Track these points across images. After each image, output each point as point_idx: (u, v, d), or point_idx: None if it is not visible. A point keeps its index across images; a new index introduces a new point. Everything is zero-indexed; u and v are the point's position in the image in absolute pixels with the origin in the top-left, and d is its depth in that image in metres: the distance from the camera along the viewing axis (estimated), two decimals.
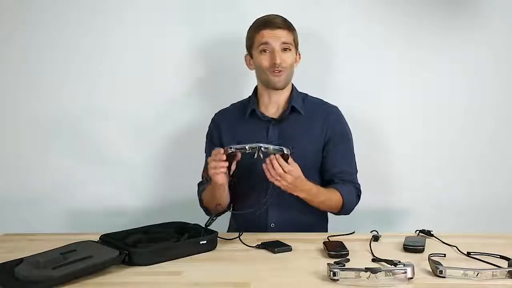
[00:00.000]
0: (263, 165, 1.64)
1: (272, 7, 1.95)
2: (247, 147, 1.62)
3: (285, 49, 1.83)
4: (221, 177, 1.67)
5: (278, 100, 1.91)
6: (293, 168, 1.64)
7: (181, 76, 2.27)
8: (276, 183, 1.65)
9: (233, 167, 1.69)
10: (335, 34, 2.22)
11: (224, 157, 1.64)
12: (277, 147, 1.63)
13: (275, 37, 1.82)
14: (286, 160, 1.63)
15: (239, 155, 1.66)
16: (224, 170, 1.66)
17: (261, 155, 1.61)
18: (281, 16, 1.87)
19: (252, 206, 1.79)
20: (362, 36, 2.21)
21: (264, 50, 1.83)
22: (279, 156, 1.62)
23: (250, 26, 1.89)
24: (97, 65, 2.26)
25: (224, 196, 1.78)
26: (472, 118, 2.25)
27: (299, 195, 1.73)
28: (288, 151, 1.63)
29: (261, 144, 1.61)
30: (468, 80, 2.23)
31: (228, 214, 1.88)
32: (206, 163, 1.94)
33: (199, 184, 1.96)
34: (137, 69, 2.25)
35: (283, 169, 1.62)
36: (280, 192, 1.70)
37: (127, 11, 2.24)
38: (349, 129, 1.95)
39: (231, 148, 1.63)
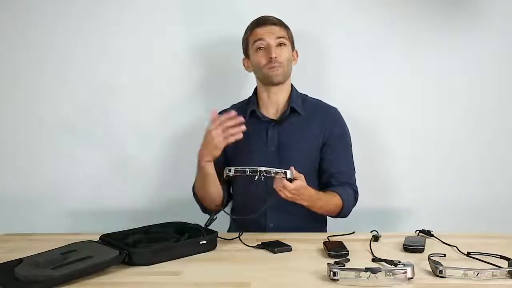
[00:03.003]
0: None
1: (271, 8, 1.95)
2: (247, 170, 1.59)
3: (280, 44, 1.84)
4: (224, 141, 1.69)
5: (277, 99, 1.91)
6: (296, 186, 1.61)
7: (181, 76, 2.27)
8: (280, 194, 1.64)
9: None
10: (334, 34, 2.21)
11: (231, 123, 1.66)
12: (279, 170, 1.60)
13: (269, 33, 1.84)
14: (290, 181, 1.60)
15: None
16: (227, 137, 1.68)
17: (262, 178, 1.58)
18: (274, 16, 1.88)
19: (252, 209, 1.79)
20: (362, 36, 2.21)
21: (260, 48, 1.84)
22: (283, 179, 1.59)
23: (245, 31, 1.90)
24: (97, 65, 2.25)
25: (215, 186, 1.78)
26: (472, 118, 2.25)
27: (301, 203, 1.71)
28: (291, 175, 1.59)
29: (262, 168, 1.58)
30: (468, 80, 2.23)
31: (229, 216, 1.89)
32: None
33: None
34: (137, 69, 2.25)
35: (288, 191, 1.61)
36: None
37: (127, 11, 2.23)
38: (348, 130, 1.95)
39: (230, 171, 1.61)
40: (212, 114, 1.73)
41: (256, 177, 1.58)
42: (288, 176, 1.59)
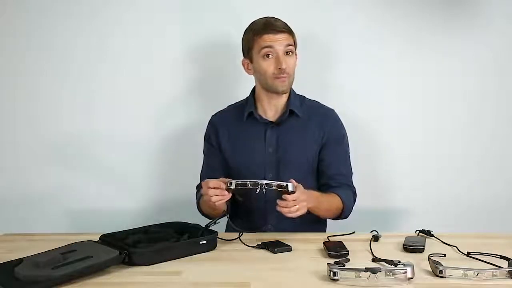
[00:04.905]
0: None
1: (271, 8, 1.94)
2: (249, 183, 1.58)
3: (287, 53, 1.80)
4: (223, 204, 1.66)
5: (277, 103, 1.88)
6: (296, 198, 1.58)
7: (180, 76, 2.27)
8: (291, 216, 1.60)
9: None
10: (334, 34, 2.22)
11: (226, 192, 1.61)
12: (281, 183, 1.58)
13: (279, 41, 1.78)
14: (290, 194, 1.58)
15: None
16: (227, 199, 1.63)
17: (264, 191, 1.57)
18: (280, 19, 1.83)
19: (251, 210, 1.81)
20: (362, 36, 2.21)
21: (267, 55, 1.79)
22: (283, 195, 1.57)
23: (247, 29, 1.85)
24: (96, 65, 2.25)
25: (223, 208, 1.74)
26: (472, 118, 2.25)
27: (308, 205, 1.66)
28: (293, 188, 1.57)
29: (264, 181, 1.57)
30: (468, 80, 2.23)
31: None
32: (204, 166, 1.96)
33: (198, 187, 1.95)
34: (136, 69, 2.25)
35: (290, 205, 1.58)
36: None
37: (127, 11, 2.24)
38: (345, 132, 1.94)
39: (231, 184, 1.59)
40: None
41: (258, 190, 1.57)
42: (290, 189, 1.57)
